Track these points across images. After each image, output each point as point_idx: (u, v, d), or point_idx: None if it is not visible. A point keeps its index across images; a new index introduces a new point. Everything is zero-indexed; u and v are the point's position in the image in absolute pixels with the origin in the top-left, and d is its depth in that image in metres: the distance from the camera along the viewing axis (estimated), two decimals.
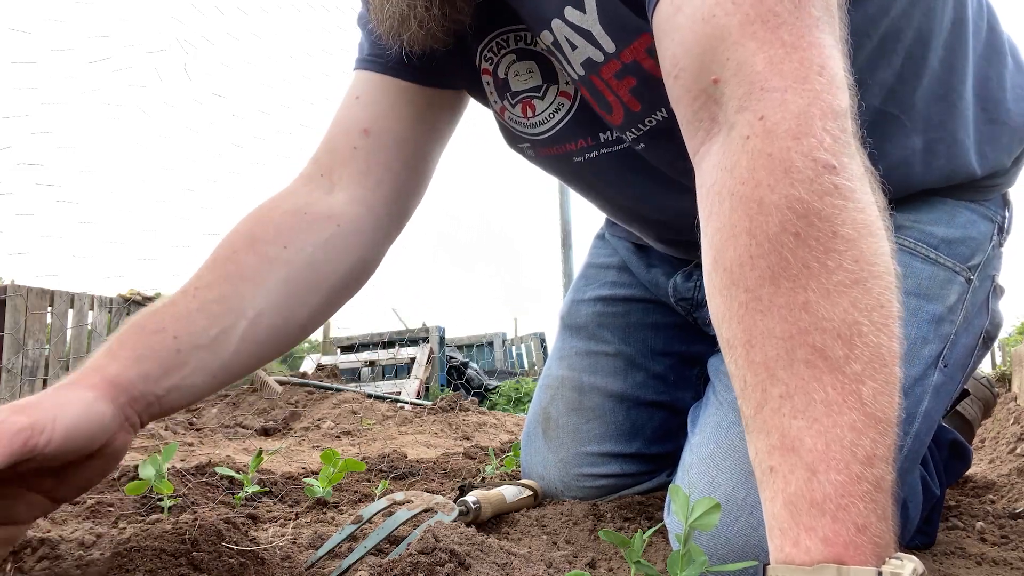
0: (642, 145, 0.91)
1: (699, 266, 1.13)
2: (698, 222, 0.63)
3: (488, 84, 1.01)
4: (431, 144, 1.05)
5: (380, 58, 0.99)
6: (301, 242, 0.90)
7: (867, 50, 0.85)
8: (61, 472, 0.68)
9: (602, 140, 0.96)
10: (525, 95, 0.98)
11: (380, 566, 0.73)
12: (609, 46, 0.81)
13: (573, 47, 0.84)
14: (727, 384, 0.94)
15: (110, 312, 6.43)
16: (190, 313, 0.80)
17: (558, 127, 0.98)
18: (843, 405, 0.49)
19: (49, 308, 5.95)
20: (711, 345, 1.15)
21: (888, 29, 0.86)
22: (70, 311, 6.15)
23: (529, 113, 0.99)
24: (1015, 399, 2.47)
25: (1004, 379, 2.91)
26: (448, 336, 6.95)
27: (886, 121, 0.89)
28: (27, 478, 0.65)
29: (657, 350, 1.25)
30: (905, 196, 0.92)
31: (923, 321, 0.88)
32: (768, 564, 0.50)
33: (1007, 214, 1.02)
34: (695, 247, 0.63)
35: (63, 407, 0.64)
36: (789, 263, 0.52)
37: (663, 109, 0.84)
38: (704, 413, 0.96)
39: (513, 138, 1.06)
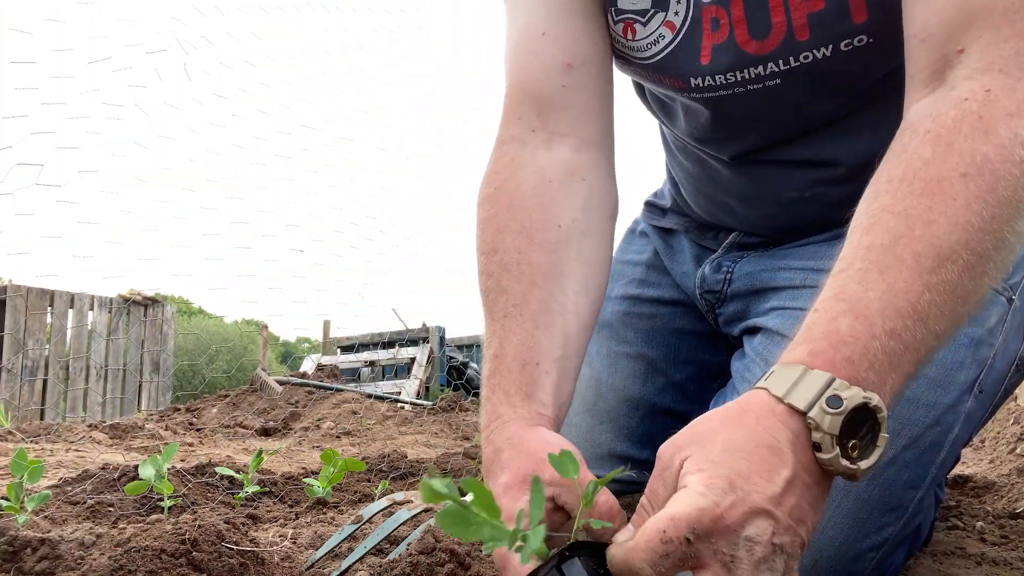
0: (776, 81, 0.87)
1: (727, 255, 1.10)
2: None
3: None
4: (611, 60, 0.97)
5: None
6: (568, 216, 0.85)
7: None
8: None
9: (693, 85, 0.92)
10: (628, 16, 0.92)
11: (380, 566, 0.73)
12: None
13: None
14: (750, 388, 0.93)
15: (110, 312, 6.43)
16: (534, 335, 0.78)
17: (653, 59, 0.94)
18: (901, 295, 0.58)
19: (49, 308, 5.96)
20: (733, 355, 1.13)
21: None
22: (70, 311, 6.15)
23: (630, 35, 0.93)
24: (1015, 399, 2.46)
25: None
26: (448, 336, 6.94)
27: None
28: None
29: (680, 358, 1.21)
30: None
31: (960, 345, 0.84)
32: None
33: None
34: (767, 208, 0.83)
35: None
36: (942, 191, 0.60)
37: (829, 48, 0.82)
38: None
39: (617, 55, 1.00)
